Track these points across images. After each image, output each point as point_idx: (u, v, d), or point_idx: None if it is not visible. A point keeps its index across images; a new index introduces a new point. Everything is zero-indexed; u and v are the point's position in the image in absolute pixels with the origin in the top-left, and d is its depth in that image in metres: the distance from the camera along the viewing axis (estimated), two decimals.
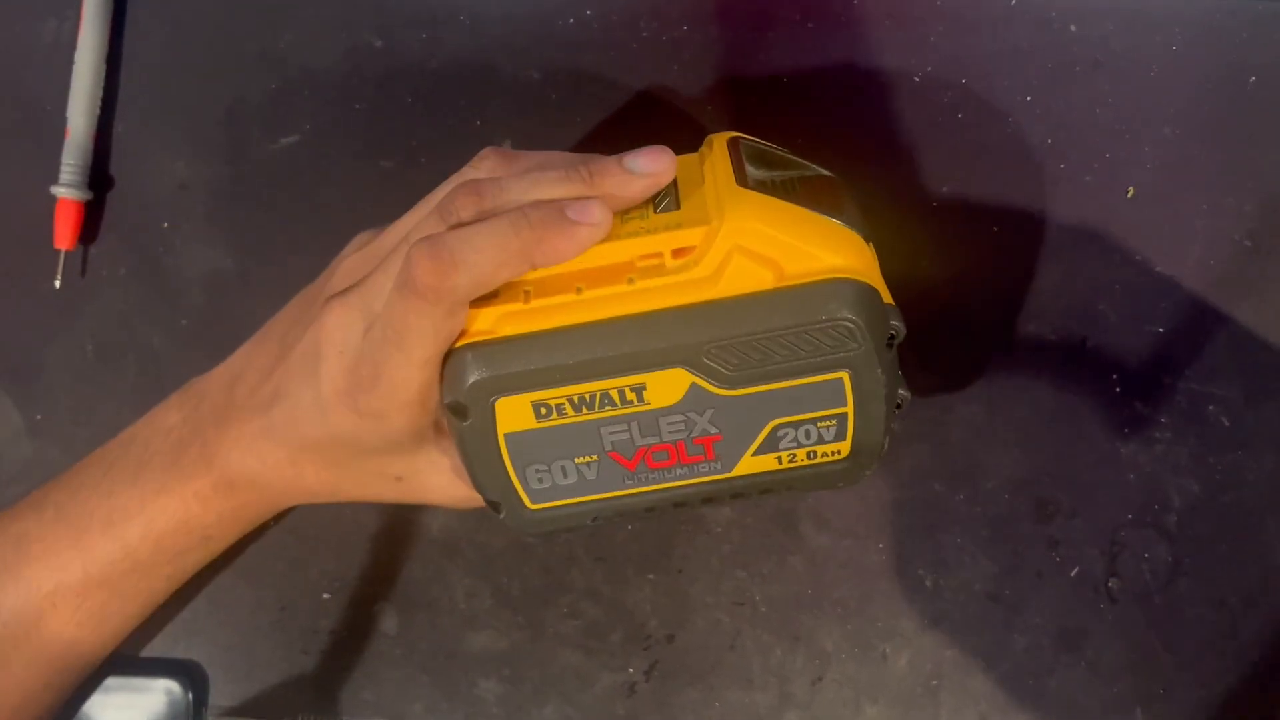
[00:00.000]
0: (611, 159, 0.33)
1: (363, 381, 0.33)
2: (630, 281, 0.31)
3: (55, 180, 0.42)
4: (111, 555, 0.37)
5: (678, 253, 0.32)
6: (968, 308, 0.42)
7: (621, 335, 0.31)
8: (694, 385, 0.32)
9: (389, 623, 0.43)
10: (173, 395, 0.39)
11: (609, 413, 0.32)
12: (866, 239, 0.34)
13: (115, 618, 0.38)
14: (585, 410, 0.32)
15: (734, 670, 0.42)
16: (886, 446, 0.34)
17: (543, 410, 0.32)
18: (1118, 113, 0.42)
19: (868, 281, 0.32)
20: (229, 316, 0.43)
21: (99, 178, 0.43)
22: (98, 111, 0.43)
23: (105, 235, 0.44)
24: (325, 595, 0.43)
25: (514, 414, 0.32)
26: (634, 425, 0.32)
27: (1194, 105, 0.42)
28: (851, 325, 0.31)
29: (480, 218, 0.32)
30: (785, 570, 0.42)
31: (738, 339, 0.31)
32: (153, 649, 0.43)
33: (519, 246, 0.31)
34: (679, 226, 0.32)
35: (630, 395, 0.32)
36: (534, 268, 0.32)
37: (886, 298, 0.33)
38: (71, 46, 0.43)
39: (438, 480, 0.37)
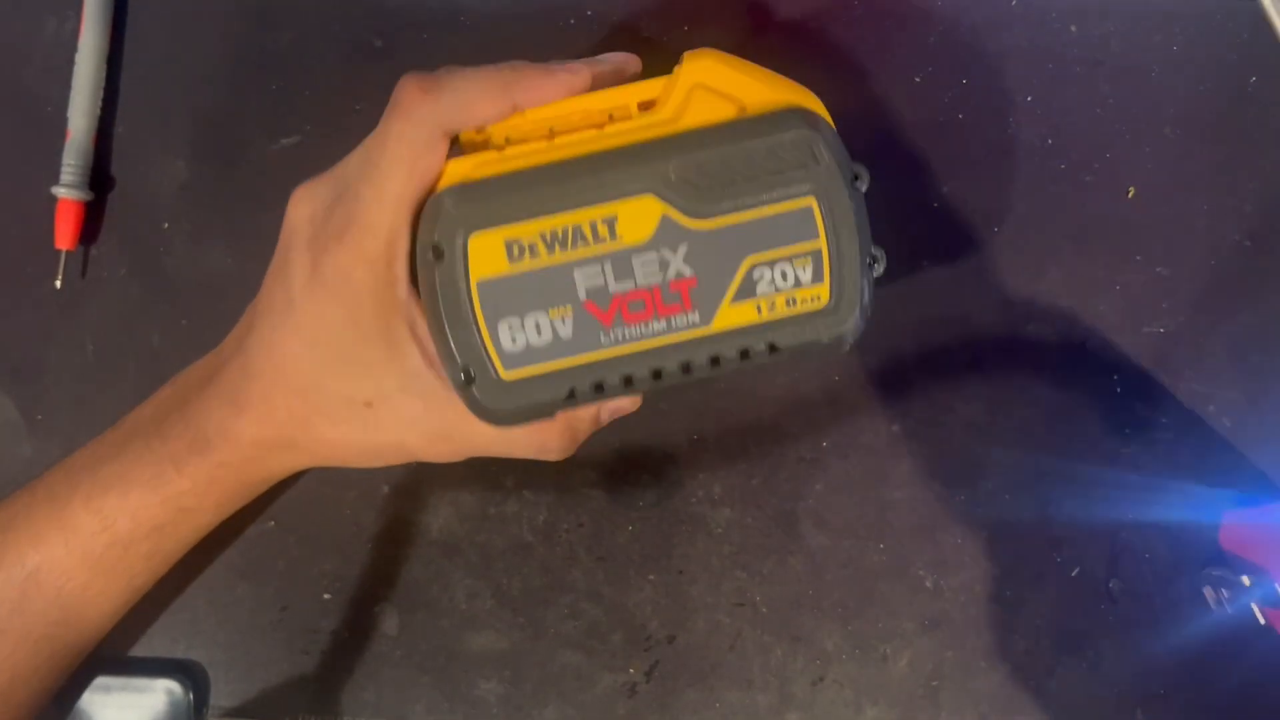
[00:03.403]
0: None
1: (329, 240, 0.33)
2: (600, 128, 0.33)
3: (56, 181, 0.42)
4: (90, 528, 0.36)
5: (644, 105, 0.33)
6: (968, 308, 0.42)
7: (591, 166, 0.32)
8: (665, 216, 0.32)
9: (389, 623, 0.43)
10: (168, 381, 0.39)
11: (581, 251, 0.32)
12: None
13: (99, 598, 0.38)
14: (558, 249, 0.32)
15: (734, 671, 0.42)
16: (868, 300, 0.33)
17: (515, 250, 0.32)
18: (1118, 113, 0.42)
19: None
20: (229, 316, 0.43)
21: (99, 178, 0.43)
22: (98, 112, 0.43)
23: (106, 235, 0.44)
24: (325, 595, 0.43)
25: (487, 255, 0.32)
26: (608, 266, 0.32)
27: (1194, 105, 0.42)
28: (810, 139, 0.32)
29: None
30: (785, 571, 0.42)
31: (703, 160, 0.32)
32: (153, 649, 0.43)
33: (502, 81, 0.33)
34: (643, 81, 0.34)
35: (602, 230, 0.32)
36: (515, 109, 0.33)
37: None
38: (72, 46, 0.43)
39: (408, 410, 0.35)
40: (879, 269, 0.33)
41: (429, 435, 0.36)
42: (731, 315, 0.33)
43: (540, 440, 0.36)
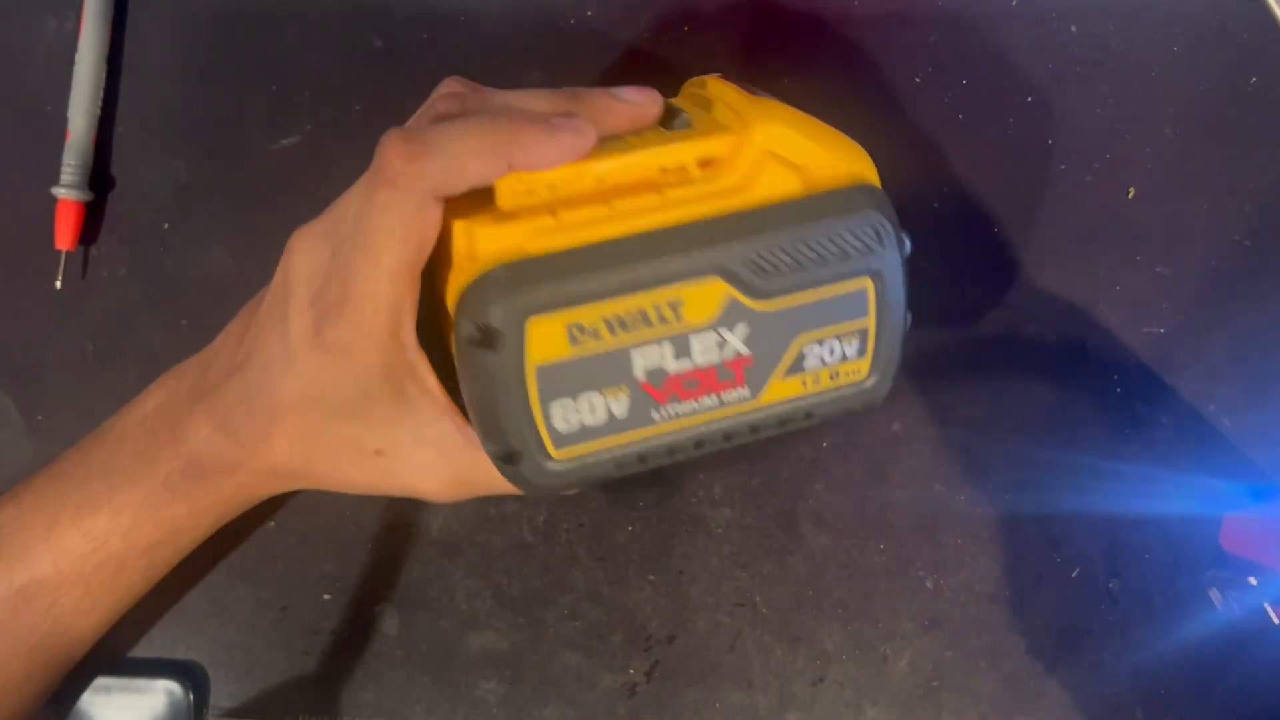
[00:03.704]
0: (598, 89, 0.33)
1: (329, 307, 0.32)
2: (660, 193, 0.31)
3: (56, 181, 0.42)
4: (81, 549, 0.36)
5: (704, 163, 0.32)
6: (968, 308, 0.42)
7: (660, 246, 0.30)
8: (730, 298, 0.31)
9: (389, 623, 0.43)
10: (155, 381, 0.38)
11: (643, 333, 0.31)
12: None
13: (93, 613, 0.38)
14: (621, 331, 0.30)
15: (734, 671, 0.42)
16: (900, 361, 0.33)
17: (577, 333, 0.30)
18: (1118, 113, 0.42)
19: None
20: (229, 316, 0.43)
21: (99, 178, 0.43)
22: (98, 112, 0.43)
23: (106, 236, 0.44)
24: (325, 596, 0.43)
25: (547, 339, 0.30)
26: (667, 347, 0.31)
27: (1194, 105, 0.42)
28: (882, 228, 0.31)
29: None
30: (786, 571, 0.42)
31: (772, 241, 0.31)
32: (153, 649, 0.43)
33: (495, 141, 0.30)
34: (702, 136, 0.32)
35: (667, 313, 0.31)
36: (511, 169, 0.30)
37: None
38: (72, 47, 0.43)
39: (421, 457, 0.34)
40: (908, 325, 0.33)
41: (442, 481, 0.35)
42: (778, 390, 0.32)
43: None
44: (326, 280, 0.32)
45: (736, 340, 0.31)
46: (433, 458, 0.34)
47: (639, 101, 0.33)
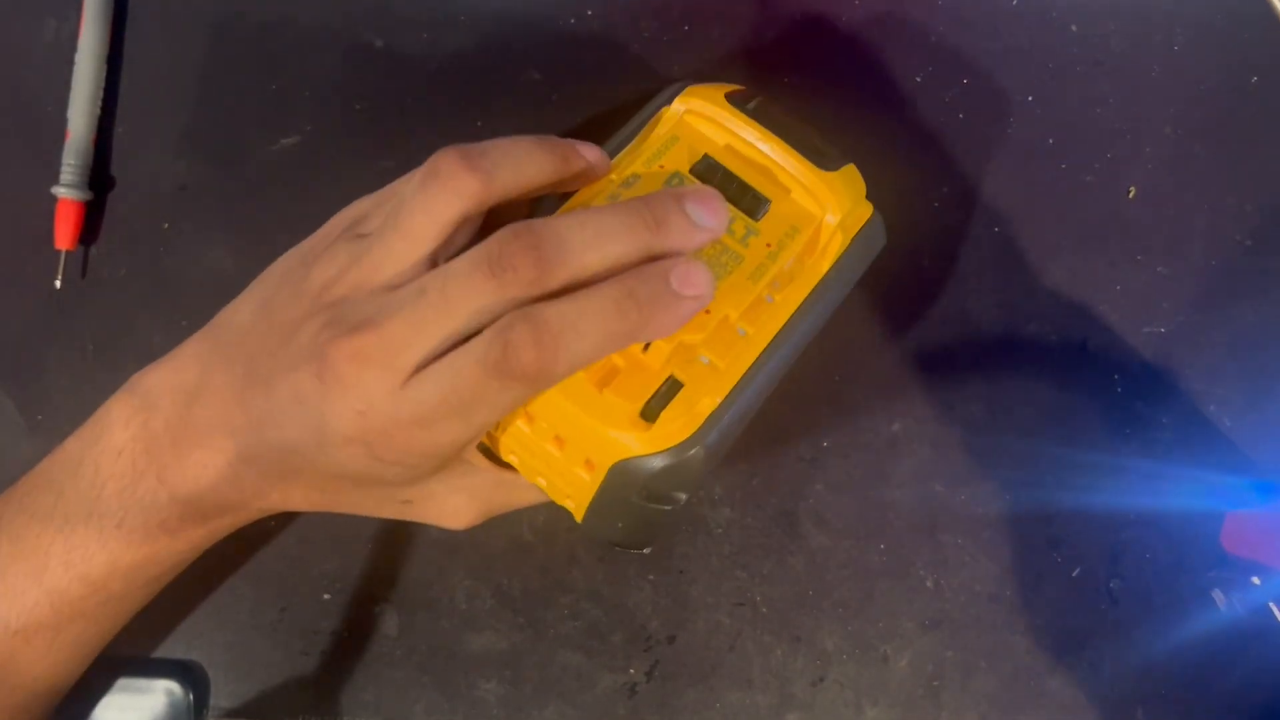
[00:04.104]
0: (668, 201, 0.31)
1: (395, 443, 0.31)
2: (770, 301, 0.34)
3: (56, 181, 0.42)
4: (80, 593, 0.35)
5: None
6: (968, 308, 0.42)
7: (784, 353, 0.34)
8: None
9: (389, 623, 0.43)
10: (115, 402, 0.35)
11: None
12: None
13: (93, 641, 0.37)
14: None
15: (735, 671, 0.42)
16: None
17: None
18: (1118, 113, 0.42)
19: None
20: None
21: (99, 178, 0.43)
22: (98, 112, 0.43)
23: (106, 236, 0.44)
24: (325, 596, 0.43)
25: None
26: None
27: (1194, 105, 0.42)
28: (884, 245, 0.38)
29: (543, 275, 0.29)
30: (786, 571, 0.42)
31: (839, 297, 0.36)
32: (153, 649, 0.43)
33: (626, 329, 0.29)
34: (793, 237, 0.35)
35: None
36: (633, 343, 0.30)
37: None
38: (72, 47, 0.43)
39: (452, 504, 0.35)
40: None
41: (470, 517, 0.36)
42: None
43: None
44: (391, 423, 0.31)
45: None
46: (464, 501, 0.35)
47: (714, 226, 0.31)
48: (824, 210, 0.36)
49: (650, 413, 0.31)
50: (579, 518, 0.34)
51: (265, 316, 0.34)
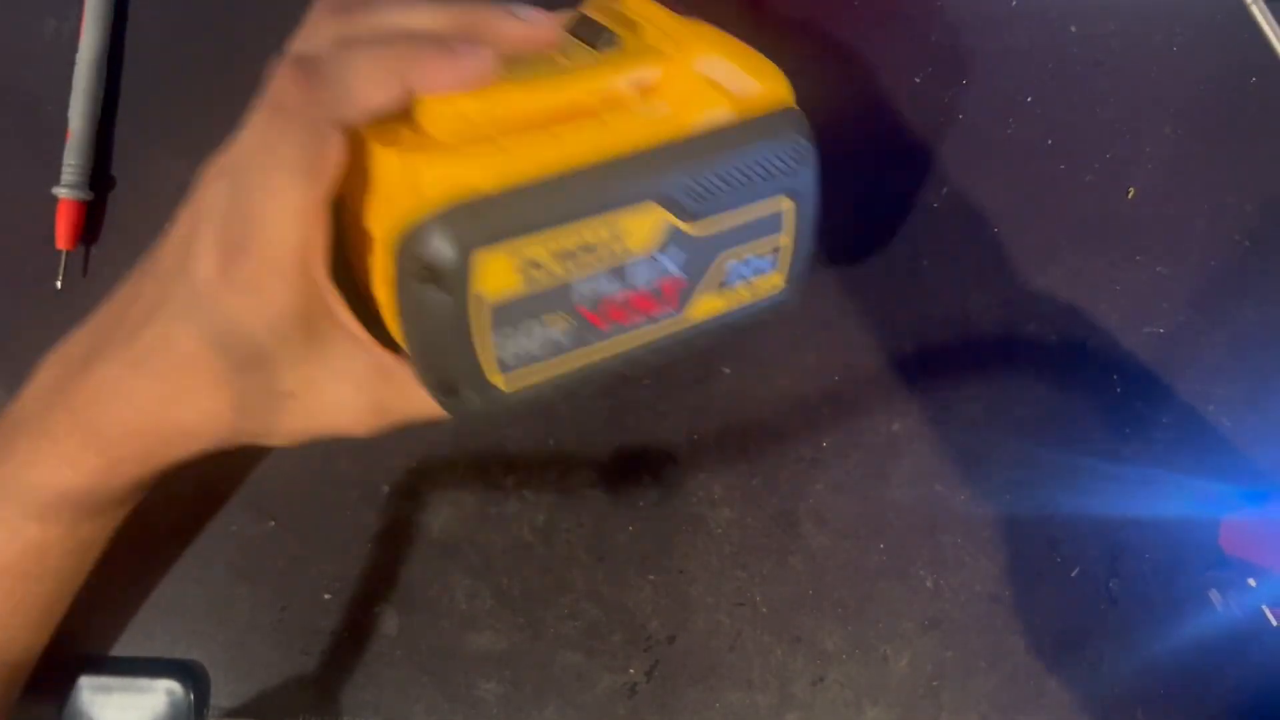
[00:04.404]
0: (493, 5, 0.32)
1: (233, 247, 0.30)
2: (601, 121, 0.31)
3: (56, 181, 0.42)
4: (21, 565, 0.34)
5: (641, 89, 0.32)
6: (968, 308, 0.42)
7: (605, 176, 0.31)
8: (668, 224, 0.32)
9: (389, 623, 0.43)
10: (48, 354, 0.35)
11: (585, 262, 0.31)
12: None
13: (25, 605, 0.36)
14: (565, 262, 0.31)
15: (735, 671, 0.42)
16: (808, 272, 0.35)
17: (522, 265, 0.30)
18: (1118, 113, 0.42)
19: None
20: None
21: (100, 178, 0.43)
22: (99, 112, 0.43)
23: (107, 236, 0.44)
24: (325, 595, 0.43)
25: (492, 273, 0.30)
26: (607, 274, 0.32)
27: (1194, 105, 0.42)
28: (803, 149, 0.33)
29: (346, 23, 0.31)
30: (786, 571, 0.42)
31: (707, 166, 0.32)
32: (153, 649, 0.43)
33: (393, 66, 0.29)
34: (638, 60, 0.33)
35: (609, 240, 0.31)
36: (410, 93, 0.30)
37: None
38: (72, 47, 0.43)
39: (337, 393, 0.33)
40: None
41: (360, 413, 0.33)
42: (703, 306, 0.34)
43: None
44: (227, 219, 0.30)
45: (670, 263, 0.32)
46: (350, 392, 0.33)
47: (539, 23, 0.32)
48: (680, 53, 0.33)
49: (428, 176, 0.30)
50: (399, 338, 0.32)
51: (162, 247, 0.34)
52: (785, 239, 0.34)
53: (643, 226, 0.32)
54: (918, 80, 0.43)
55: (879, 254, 0.42)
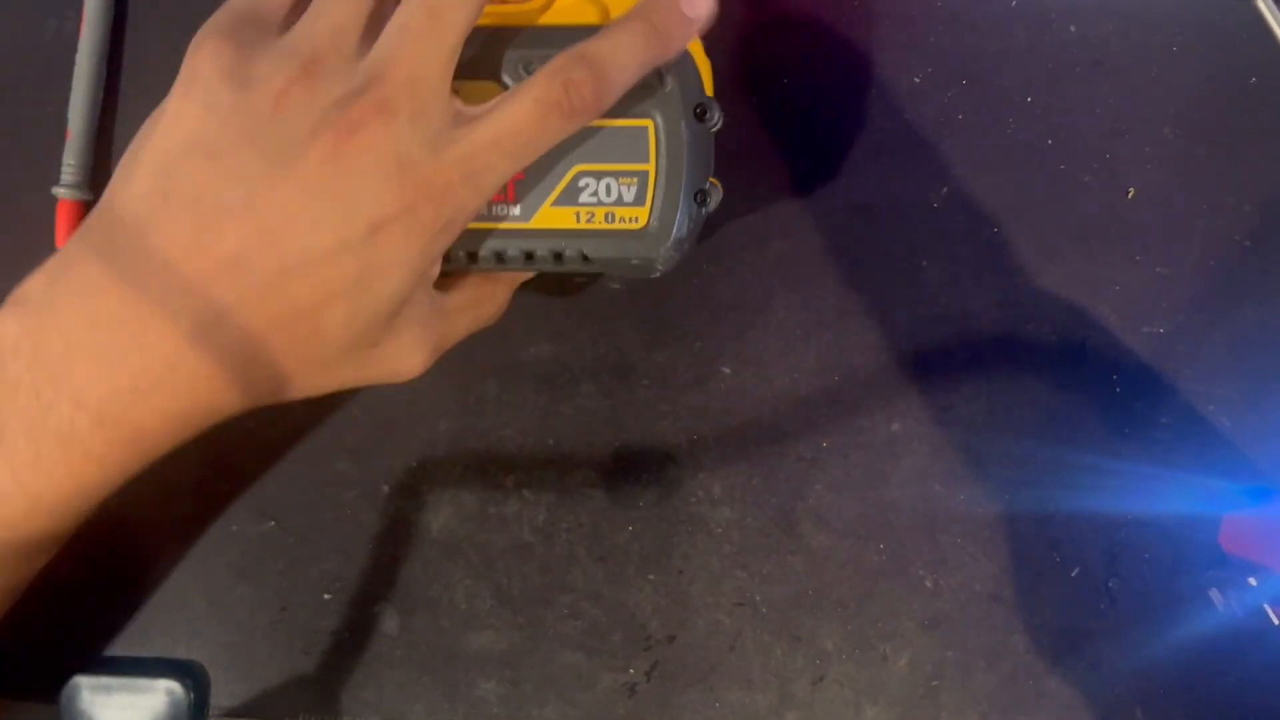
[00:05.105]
0: None
1: (440, 197, 0.29)
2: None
3: (56, 181, 0.42)
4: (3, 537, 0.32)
5: None
6: (968, 308, 0.42)
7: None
8: None
9: (389, 623, 0.43)
10: (6, 305, 0.31)
11: None
12: None
13: (34, 545, 0.34)
14: None
15: (734, 671, 0.42)
16: (686, 234, 0.34)
17: None
18: (1118, 113, 0.42)
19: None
20: None
21: (100, 178, 0.43)
22: (98, 112, 0.43)
23: None
24: (325, 595, 0.43)
25: None
26: None
27: (1194, 105, 0.42)
28: (668, 71, 0.33)
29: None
30: (785, 570, 0.42)
31: (553, 57, 0.31)
32: (153, 649, 0.43)
33: (652, 56, 0.31)
34: None
35: None
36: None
37: (709, 89, 0.34)
38: (72, 47, 0.43)
39: (409, 338, 0.33)
40: (710, 205, 0.34)
41: (425, 353, 0.34)
42: (551, 217, 0.33)
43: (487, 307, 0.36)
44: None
45: None
46: (418, 334, 0.33)
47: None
48: None
49: None
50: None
51: (210, 155, 0.29)
52: (649, 169, 0.33)
53: (478, 99, 0.31)
54: (918, 80, 0.43)
55: (879, 254, 0.42)
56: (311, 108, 0.28)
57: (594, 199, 0.33)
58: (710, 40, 0.43)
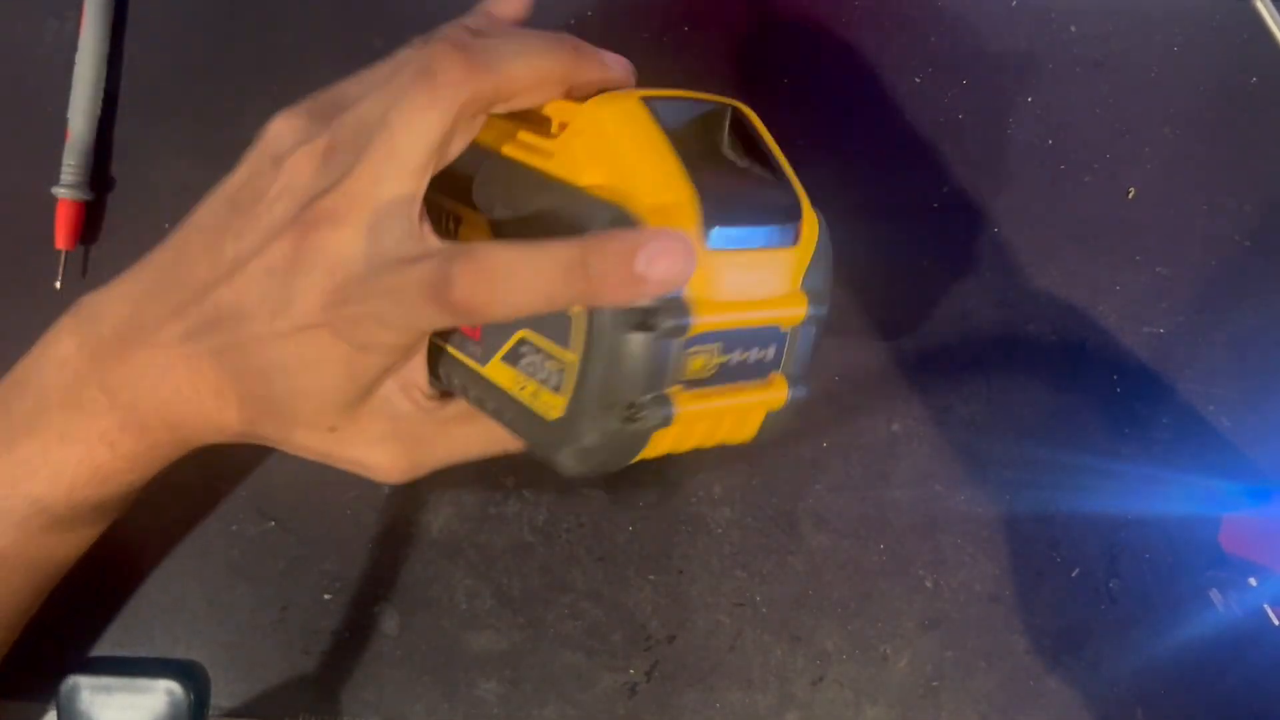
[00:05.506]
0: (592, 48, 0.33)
1: (358, 309, 0.30)
2: (513, 137, 0.32)
3: (56, 181, 0.42)
4: (24, 513, 0.34)
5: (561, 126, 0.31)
6: (968, 308, 0.42)
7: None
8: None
9: (389, 623, 0.43)
10: (64, 318, 0.35)
11: None
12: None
13: (48, 560, 0.36)
14: None
15: (734, 671, 0.42)
16: (597, 447, 0.29)
17: None
18: (1118, 113, 0.42)
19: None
20: None
21: (100, 178, 0.43)
22: (98, 112, 0.43)
23: (106, 236, 0.44)
24: (326, 596, 0.43)
25: None
26: None
27: (1194, 105, 0.42)
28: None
29: (472, 74, 0.29)
30: (786, 571, 0.42)
31: (523, 209, 0.30)
32: (153, 649, 0.43)
33: (570, 295, 0.27)
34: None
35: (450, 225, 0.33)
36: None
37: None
38: (72, 47, 0.43)
39: (375, 431, 0.33)
40: (646, 423, 0.28)
41: (392, 457, 0.34)
42: (499, 371, 0.31)
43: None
44: (324, 170, 0.30)
45: None
46: (384, 435, 0.33)
47: (621, 69, 0.33)
48: (580, 113, 0.30)
49: None
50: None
51: (221, 209, 0.33)
52: (572, 358, 0.28)
53: (471, 229, 0.33)
54: (918, 80, 0.43)
55: (879, 254, 0.42)
56: (299, 195, 0.31)
57: (530, 368, 0.30)
58: (712, 41, 0.43)
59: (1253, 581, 0.39)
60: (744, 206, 0.29)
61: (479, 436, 0.35)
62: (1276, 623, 0.39)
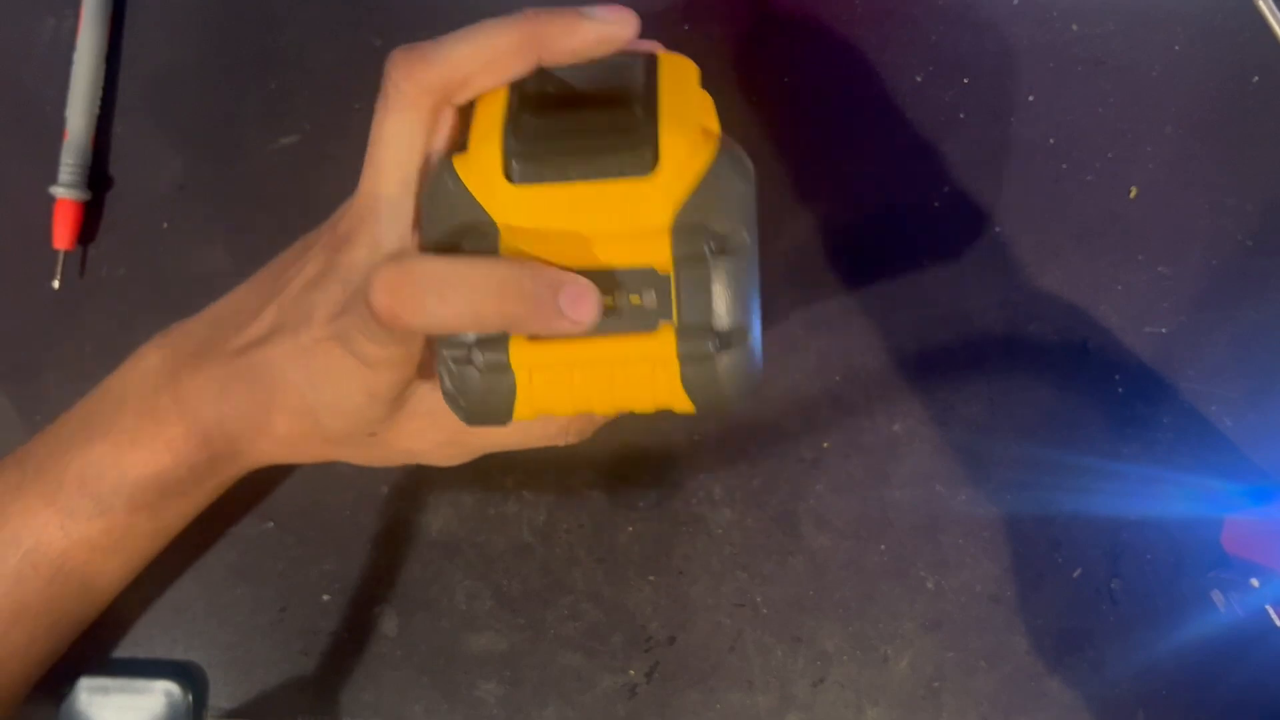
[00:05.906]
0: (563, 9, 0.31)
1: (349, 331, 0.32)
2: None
3: (54, 180, 0.42)
4: (87, 511, 0.35)
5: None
6: (969, 308, 0.42)
7: None
8: None
9: (389, 624, 0.43)
10: (156, 335, 0.37)
11: None
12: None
13: (100, 574, 0.37)
14: None
15: (735, 672, 0.42)
16: (458, 398, 0.30)
17: None
18: (1119, 112, 0.42)
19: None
20: None
21: (98, 178, 0.43)
22: (97, 111, 0.43)
23: (104, 235, 0.44)
24: (325, 596, 0.43)
25: None
26: None
27: (1195, 105, 0.42)
28: None
29: (416, 67, 0.31)
30: (786, 571, 0.42)
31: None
32: (153, 650, 0.43)
33: (496, 314, 0.28)
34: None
35: None
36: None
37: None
38: (71, 46, 0.43)
39: (412, 427, 0.35)
40: (477, 369, 0.30)
41: (435, 442, 0.36)
42: None
43: (556, 425, 0.37)
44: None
45: None
46: (424, 425, 0.35)
47: (613, 20, 0.30)
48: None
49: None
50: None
51: (297, 247, 0.37)
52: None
53: None
54: (918, 80, 0.43)
55: (880, 254, 0.42)
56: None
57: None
58: (712, 41, 0.43)
59: (1255, 582, 0.39)
60: (570, 141, 0.29)
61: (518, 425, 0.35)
62: (1279, 624, 0.39)
